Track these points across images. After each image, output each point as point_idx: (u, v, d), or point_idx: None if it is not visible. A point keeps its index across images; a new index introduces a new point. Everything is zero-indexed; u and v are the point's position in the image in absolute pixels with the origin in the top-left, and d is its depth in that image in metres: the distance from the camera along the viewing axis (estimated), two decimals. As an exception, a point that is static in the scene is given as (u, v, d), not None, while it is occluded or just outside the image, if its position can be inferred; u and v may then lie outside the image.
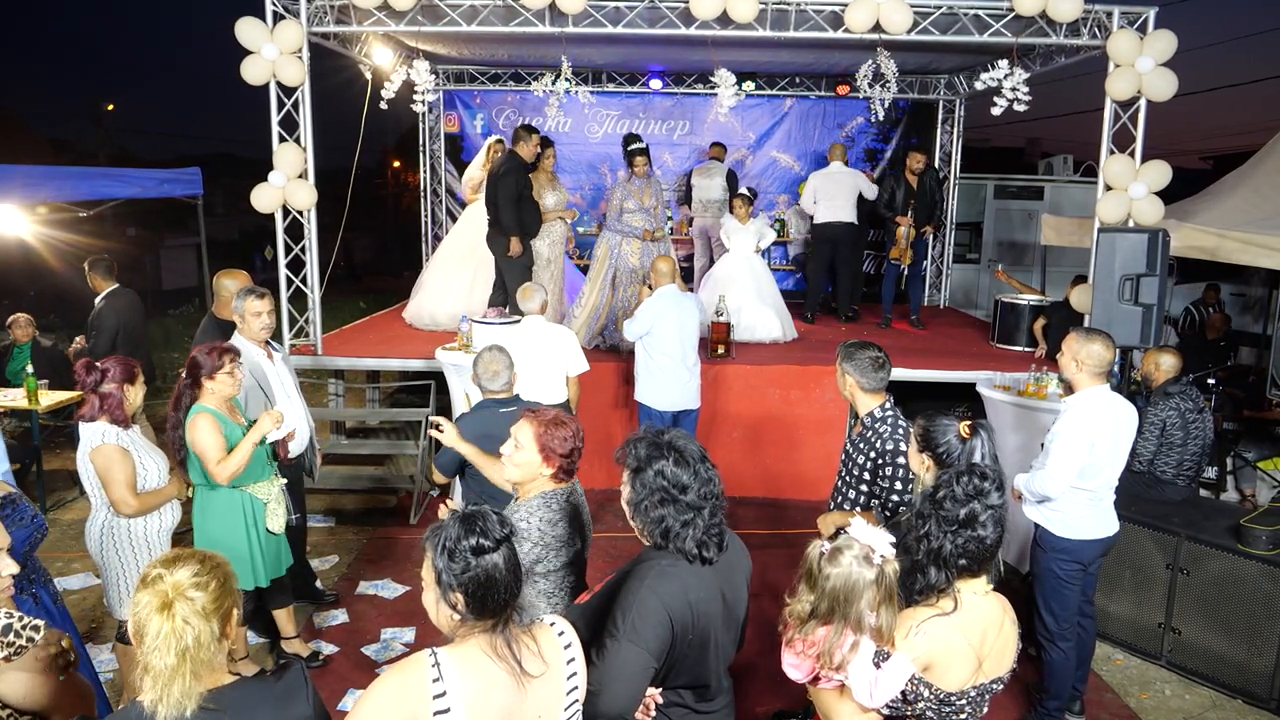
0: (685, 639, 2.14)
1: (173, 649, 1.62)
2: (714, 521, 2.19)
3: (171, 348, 12.47)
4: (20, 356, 7.38)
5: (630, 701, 2.09)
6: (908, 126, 10.60)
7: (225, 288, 4.85)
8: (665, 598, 2.11)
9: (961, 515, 2.17)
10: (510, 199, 6.74)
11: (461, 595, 1.81)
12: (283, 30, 6.21)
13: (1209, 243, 6.41)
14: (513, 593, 1.85)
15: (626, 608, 2.10)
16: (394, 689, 1.79)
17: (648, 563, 2.20)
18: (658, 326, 5.50)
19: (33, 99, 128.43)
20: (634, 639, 2.07)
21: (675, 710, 2.27)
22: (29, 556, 2.78)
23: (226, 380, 3.69)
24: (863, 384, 3.38)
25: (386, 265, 26.07)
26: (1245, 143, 27.85)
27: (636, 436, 2.27)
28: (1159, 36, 6.01)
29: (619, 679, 2.06)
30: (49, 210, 7.08)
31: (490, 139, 8.18)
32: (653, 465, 2.18)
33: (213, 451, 3.62)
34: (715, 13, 6.07)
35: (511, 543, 1.87)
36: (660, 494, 2.16)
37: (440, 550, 1.82)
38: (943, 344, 8.07)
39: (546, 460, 2.73)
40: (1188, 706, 4.25)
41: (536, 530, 2.67)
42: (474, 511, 1.89)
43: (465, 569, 1.80)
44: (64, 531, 5.94)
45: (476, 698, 1.79)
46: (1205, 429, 4.98)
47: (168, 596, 1.66)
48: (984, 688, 2.23)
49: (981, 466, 2.31)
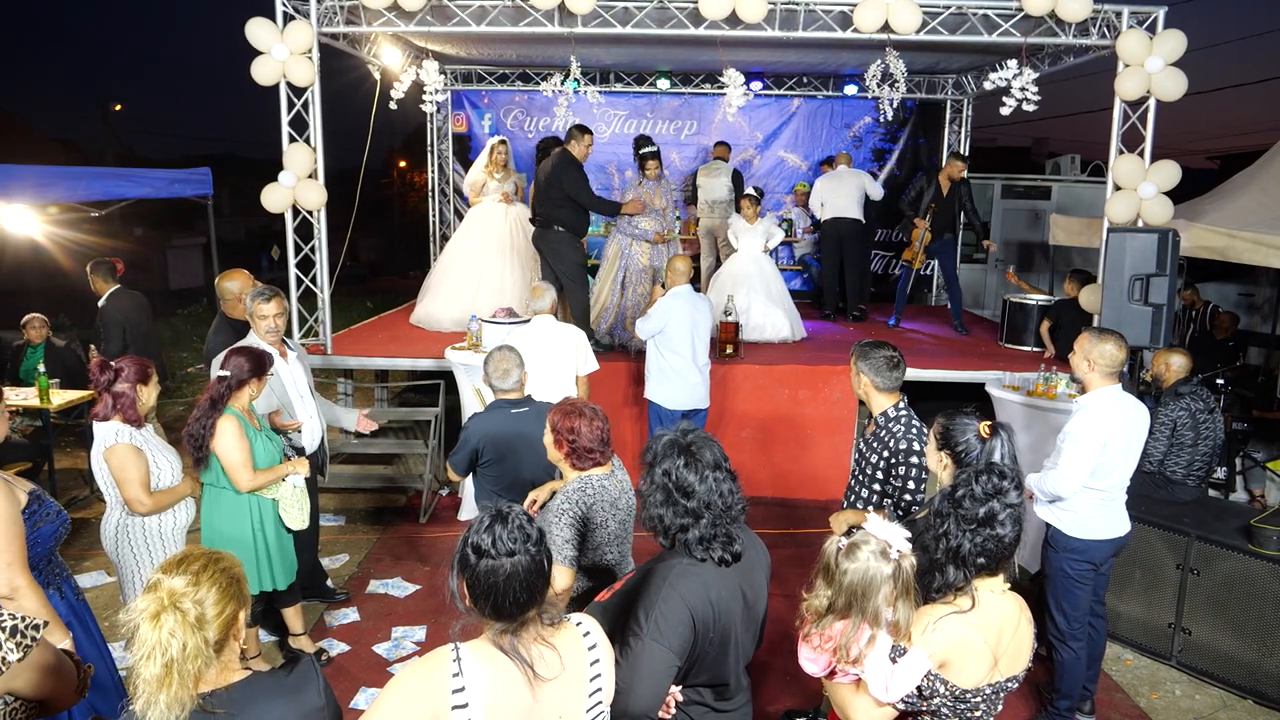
0: (707, 637, 2.15)
1: (158, 660, 1.65)
2: (716, 530, 2.17)
3: (180, 347, 12.52)
4: (33, 356, 7.43)
5: (654, 700, 2.10)
6: (915, 126, 10.61)
7: (227, 290, 4.87)
8: (687, 596, 2.12)
9: (980, 514, 2.18)
10: (589, 190, 6.71)
11: (468, 591, 1.85)
12: (293, 31, 6.24)
13: (1219, 243, 6.40)
14: (524, 601, 1.83)
15: (649, 606, 2.11)
16: (416, 684, 1.81)
17: (669, 561, 2.21)
18: (671, 326, 5.51)
19: (40, 100, 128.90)
20: (657, 638, 2.08)
21: (695, 709, 2.27)
22: (54, 552, 2.81)
23: (256, 386, 3.76)
24: (877, 383, 3.39)
25: (394, 265, 26.13)
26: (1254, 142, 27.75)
27: (661, 433, 2.29)
28: (1168, 36, 6.00)
29: (643, 678, 2.07)
30: (59, 210, 7.12)
31: (492, 140, 8.19)
32: (661, 464, 2.20)
33: (238, 456, 3.65)
34: (724, 13, 6.08)
35: (530, 552, 1.84)
36: (662, 492, 2.18)
37: (462, 539, 1.87)
38: (951, 344, 8.07)
39: (557, 445, 2.96)
40: (1198, 707, 4.25)
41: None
42: (502, 513, 1.88)
43: (466, 565, 1.84)
44: (75, 530, 5.96)
45: (495, 696, 1.80)
46: (1215, 429, 4.97)
47: (162, 604, 1.68)
48: (999, 686, 2.24)
49: (1000, 465, 2.31)
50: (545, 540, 1.91)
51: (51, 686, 2.00)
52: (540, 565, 1.86)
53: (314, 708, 1.81)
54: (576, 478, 2.97)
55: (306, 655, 1.98)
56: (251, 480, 3.71)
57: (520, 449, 3.78)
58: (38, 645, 1.93)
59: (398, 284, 20.58)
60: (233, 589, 1.77)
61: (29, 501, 2.67)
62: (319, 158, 6.60)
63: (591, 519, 2.92)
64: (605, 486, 2.96)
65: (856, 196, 8.70)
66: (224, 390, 3.66)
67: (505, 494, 3.65)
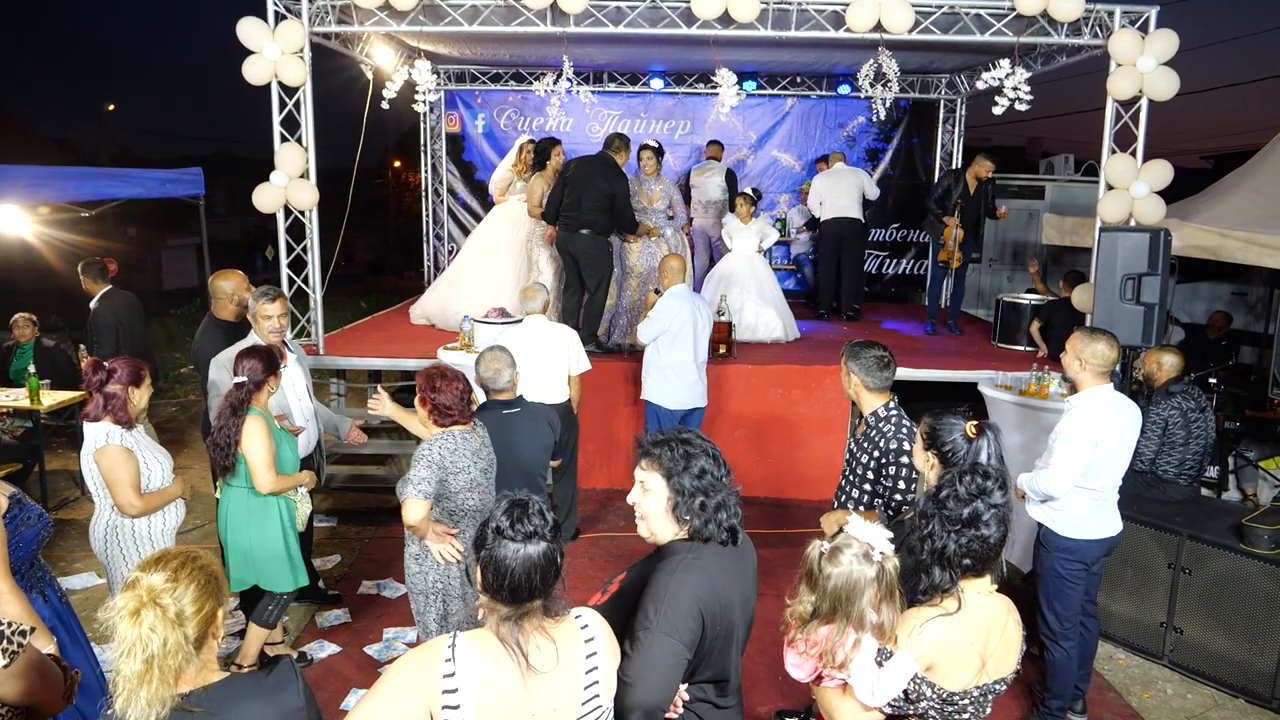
0: (714, 630, 2.17)
1: (139, 656, 1.64)
2: (737, 506, 2.30)
3: (173, 348, 12.48)
4: (23, 356, 7.39)
5: (665, 693, 2.10)
6: (909, 126, 10.61)
7: (221, 289, 4.84)
8: (695, 588, 2.14)
9: (965, 514, 2.17)
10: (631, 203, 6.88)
11: (481, 571, 1.89)
12: (284, 30, 6.21)
13: (1211, 242, 6.41)
14: (534, 586, 1.87)
15: (658, 600, 2.12)
16: (410, 672, 1.83)
17: (672, 556, 2.22)
18: (674, 326, 5.50)
19: (35, 99, 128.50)
20: (667, 630, 2.08)
21: (700, 706, 2.29)
22: (36, 555, 2.79)
23: (274, 383, 3.81)
24: (867, 383, 3.39)
25: (388, 265, 26.10)
26: (1246, 142, 27.82)
27: (659, 440, 2.28)
28: (1160, 36, 6.01)
29: (654, 670, 2.07)
30: (51, 210, 7.08)
31: (521, 139, 8.08)
32: (694, 463, 2.23)
33: (263, 456, 3.68)
34: (717, 12, 6.07)
35: (547, 539, 1.89)
36: (697, 486, 2.23)
37: (483, 521, 1.92)
38: (944, 344, 8.07)
39: (421, 404, 3.34)
40: (1189, 706, 4.26)
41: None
42: (520, 500, 1.93)
43: (483, 545, 1.89)
44: (65, 532, 5.95)
45: (486, 688, 1.82)
46: (1207, 428, 4.97)
47: (141, 601, 1.67)
48: (987, 688, 2.23)
49: (984, 466, 2.31)
50: (560, 533, 1.96)
51: (39, 693, 1.99)
52: (553, 556, 1.90)
53: (293, 708, 1.81)
54: (439, 432, 3.33)
55: (286, 657, 1.97)
56: (274, 482, 3.73)
57: (514, 448, 3.78)
58: (24, 651, 1.92)
59: (392, 284, 20.57)
60: (210, 586, 1.77)
61: (9, 505, 2.65)
62: (311, 157, 6.58)
63: (451, 465, 3.27)
64: (466, 439, 3.35)
65: (856, 195, 8.69)
66: (244, 395, 3.69)
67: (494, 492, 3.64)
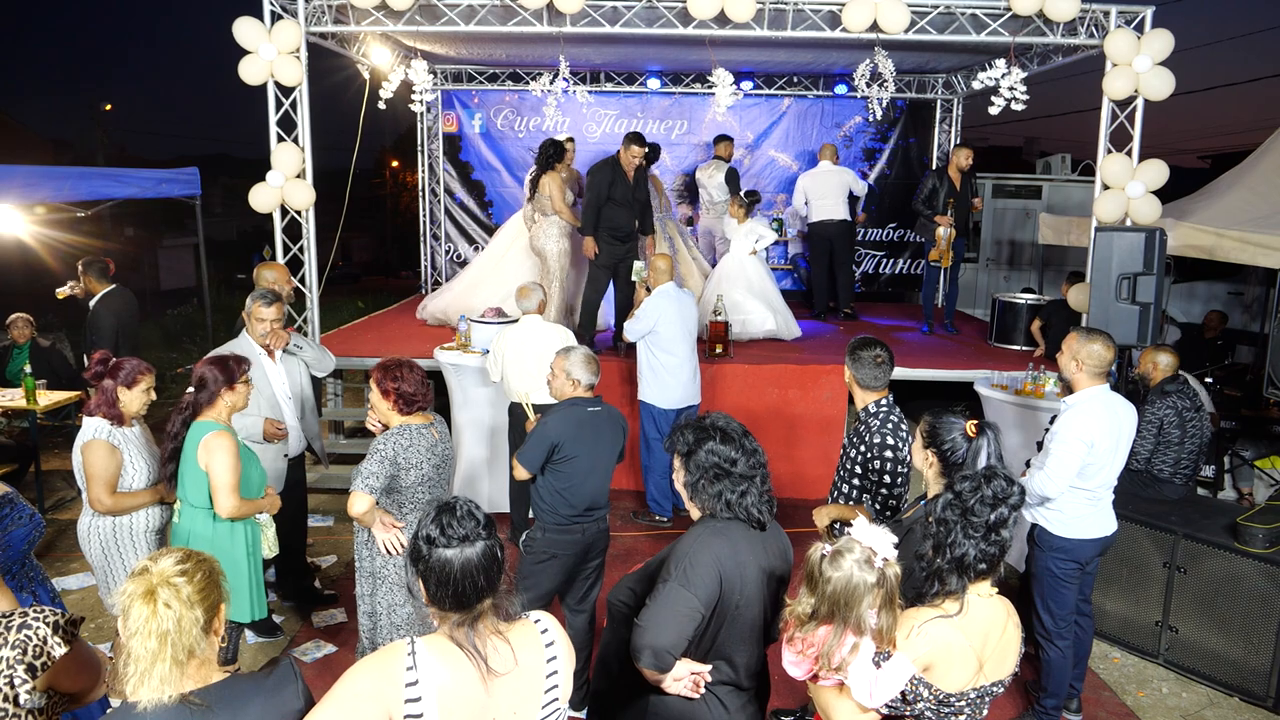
0: (733, 598, 2.29)
1: (153, 633, 1.64)
2: (765, 488, 2.42)
3: (170, 348, 12.46)
4: (19, 357, 7.38)
5: (670, 639, 2.21)
6: (905, 126, 10.61)
7: (264, 278, 4.96)
8: (717, 551, 2.29)
9: (991, 519, 2.18)
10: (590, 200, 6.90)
11: (423, 584, 1.87)
12: (281, 30, 6.20)
13: (1206, 241, 6.42)
14: (480, 587, 1.86)
15: (680, 557, 2.29)
16: (370, 676, 1.81)
17: (702, 523, 2.40)
18: (661, 325, 5.51)
19: (31, 99, 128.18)
20: (684, 583, 2.24)
21: (721, 689, 2.39)
22: (28, 555, 2.79)
23: (243, 390, 3.50)
24: (861, 379, 3.48)
25: (385, 265, 26.10)
26: (1243, 141, 27.85)
27: (681, 424, 2.47)
28: (1156, 36, 6.02)
29: (666, 616, 2.21)
30: (47, 210, 7.06)
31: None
32: (703, 447, 2.39)
33: (229, 478, 3.33)
34: (713, 12, 6.07)
35: (482, 537, 1.88)
36: (714, 470, 2.37)
37: (412, 534, 1.91)
38: (940, 343, 8.08)
39: (385, 397, 3.32)
40: (1185, 704, 4.26)
41: None
42: (449, 504, 1.91)
43: (419, 558, 1.87)
44: (62, 531, 5.93)
45: (448, 690, 1.81)
46: (1202, 427, 4.98)
47: (152, 584, 1.67)
48: (984, 690, 2.23)
49: (1002, 469, 2.31)
50: (495, 527, 1.95)
51: (86, 680, 2.03)
52: (493, 551, 1.89)
53: (293, 709, 1.81)
54: (398, 425, 3.31)
55: (286, 658, 1.97)
56: (236, 507, 3.37)
57: (597, 445, 3.68)
58: (76, 641, 1.97)
59: (389, 284, 20.56)
60: (215, 579, 1.79)
61: (1, 504, 2.65)
62: (307, 157, 6.57)
63: (404, 461, 3.25)
64: (422, 433, 3.33)
65: (841, 196, 8.63)
66: (199, 404, 3.41)
67: (566, 496, 3.60)
